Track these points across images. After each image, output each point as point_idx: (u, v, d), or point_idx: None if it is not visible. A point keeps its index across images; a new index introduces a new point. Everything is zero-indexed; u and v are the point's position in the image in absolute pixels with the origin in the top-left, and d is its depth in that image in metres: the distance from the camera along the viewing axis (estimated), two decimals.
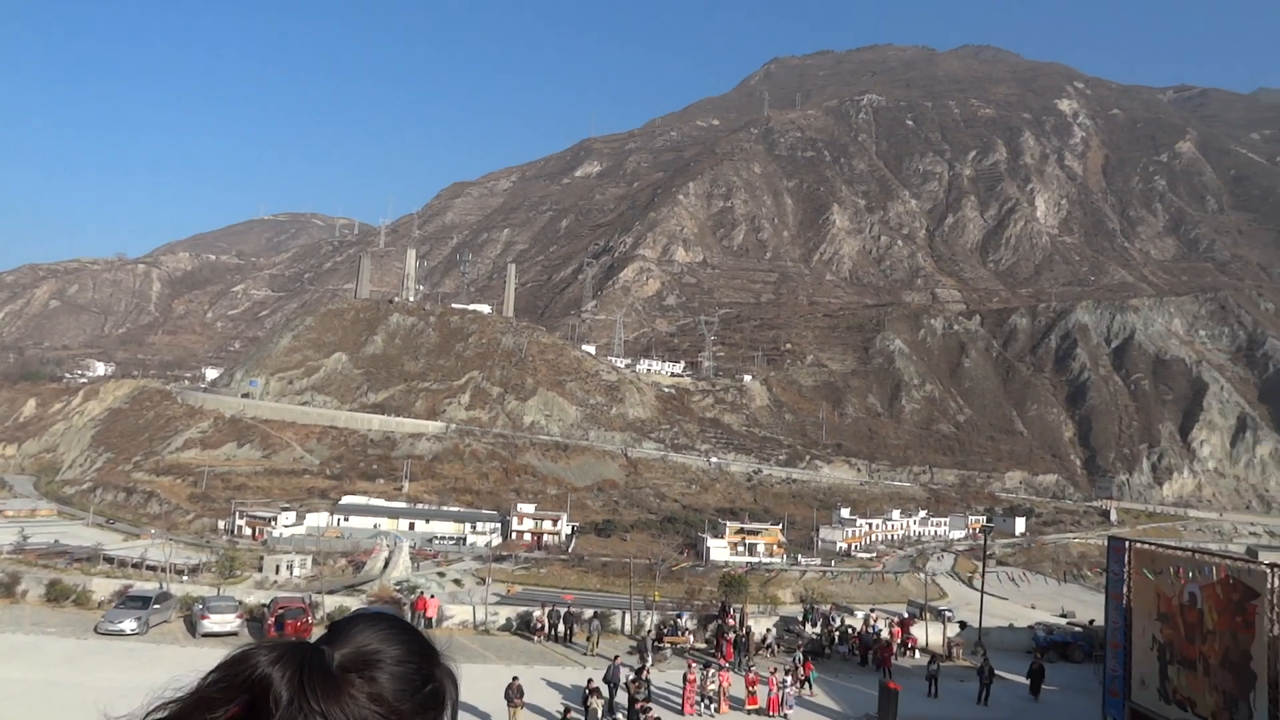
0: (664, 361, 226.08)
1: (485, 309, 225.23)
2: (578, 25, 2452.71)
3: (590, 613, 39.09)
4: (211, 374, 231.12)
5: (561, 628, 37.13)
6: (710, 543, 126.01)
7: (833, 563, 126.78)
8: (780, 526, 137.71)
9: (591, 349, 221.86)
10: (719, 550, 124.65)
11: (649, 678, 28.29)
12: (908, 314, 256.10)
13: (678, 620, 39.48)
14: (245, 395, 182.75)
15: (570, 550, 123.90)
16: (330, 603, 39.09)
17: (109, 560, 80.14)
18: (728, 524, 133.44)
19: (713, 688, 28.91)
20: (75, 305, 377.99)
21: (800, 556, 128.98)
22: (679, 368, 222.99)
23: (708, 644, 37.39)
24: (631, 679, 27.52)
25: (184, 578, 67.28)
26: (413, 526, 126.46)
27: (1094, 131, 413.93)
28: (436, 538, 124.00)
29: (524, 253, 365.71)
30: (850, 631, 40.54)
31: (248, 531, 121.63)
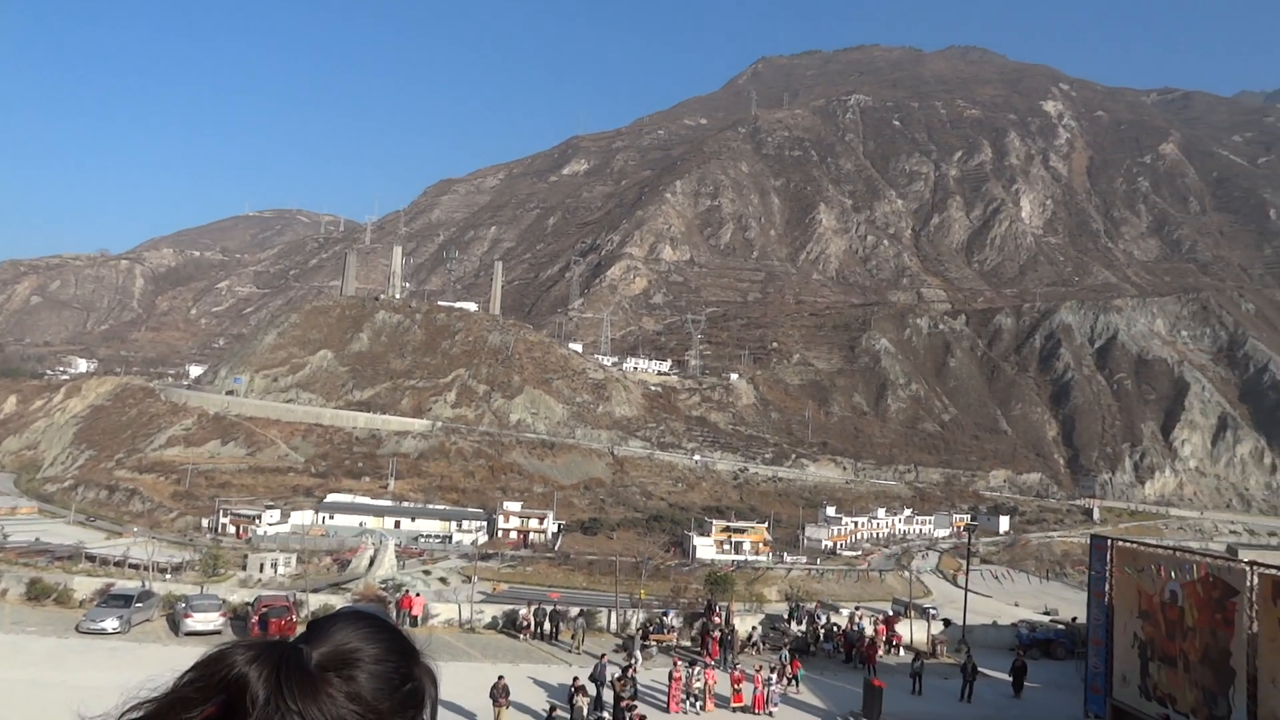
0: (650, 360, 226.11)
1: (472, 307, 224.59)
2: (566, 23, 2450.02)
3: (576, 611, 39.07)
4: (195, 371, 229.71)
5: (547, 626, 37.09)
6: (696, 541, 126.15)
7: (818, 561, 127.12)
8: (766, 525, 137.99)
9: (578, 347, 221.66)
10: (705, 548, 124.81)
11: (635, 675, 28.31)
12: (893, 313, 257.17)
13: (663, 618, 39.54)
14: (230, 392, 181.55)
15: (556, 548, 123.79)
16: (315, 601, 38.90)
17: (91, 558, 79.49)
18: (714, 522, 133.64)
19: (698, 685, 28.95)
20: (57, 301, 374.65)
21: (786, 555, 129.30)
22: (666, 366, 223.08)
23: (693, 642, 37.46)
24: (617, 677, 27.53)
25: (167, 576, 66.83)
26: (398, 525, 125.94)
27: (1079, 133, 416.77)
28: (422, 536, 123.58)
29: (511, 250, 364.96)
30: (835, 629, 40.68)
31: (231, 530, 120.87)
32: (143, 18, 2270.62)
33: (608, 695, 27.49)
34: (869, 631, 39.55)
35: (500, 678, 25.70)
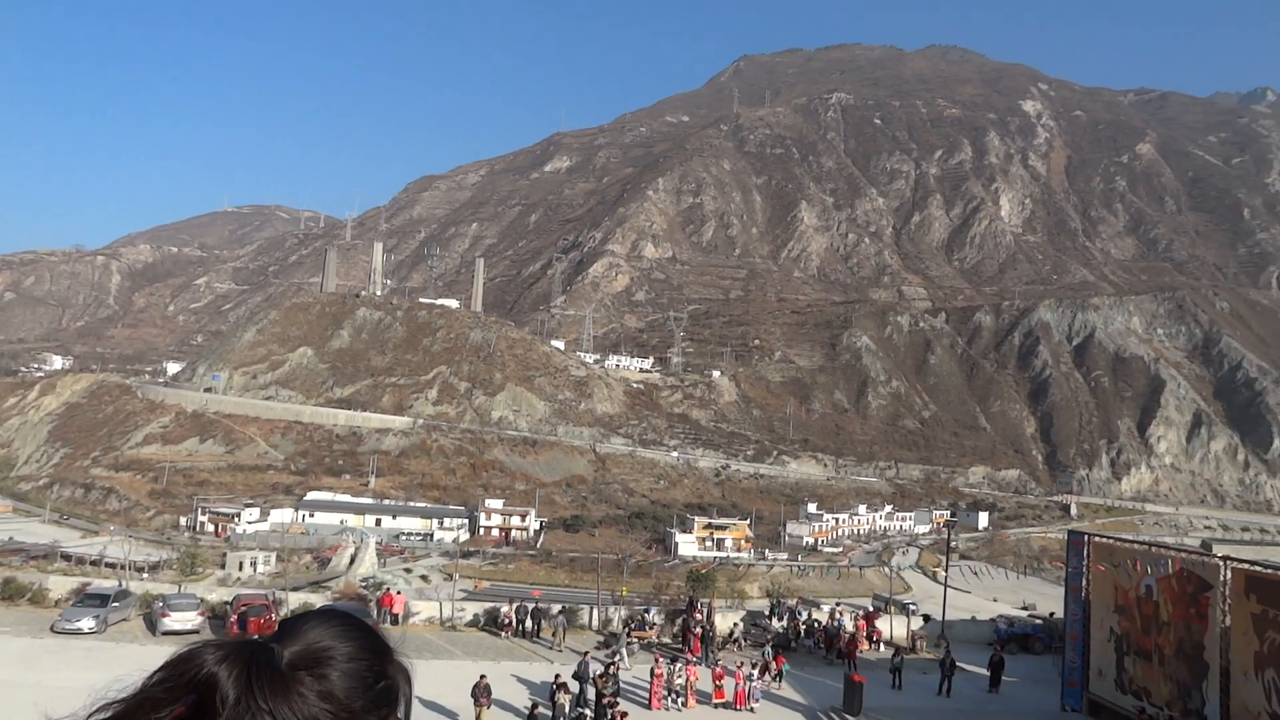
0: (633, 357, 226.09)
1: (453, 304, 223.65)
2: (547, 19, 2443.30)
3: (558, 608, 39.04)
4: (173, 368, 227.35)
5: (529, 623, 37.05)
6: (678, 538, 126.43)
7: (800, 557, 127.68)
8: (748, 521, 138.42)
9: (560, 344, 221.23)
10: (687, 545, 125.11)
11: (617, 673, 28.32)
12: (874, 311, 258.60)
13: (645, 615, 39.61)
14: (208, 390, 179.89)
15: (538, 546, 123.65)
16: (295, 600, 38.66)
17: (66, 557, 78.42)
18: (695, 519, 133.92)
19: (680, 682, 29.01)
20: (31, 297, 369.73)
21: (767, 551, 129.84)
22: (648, 363, 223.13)
23: (674, 639, 37.52)
24: (600, 674, 27.55)
25: (144, 575, 66.21)
26: (379, 522, 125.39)
27: (1057, 132, 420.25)
28: (403, 534, 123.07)
29: (493, 247, 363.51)
30: (816, 625, 40.86)
31: (210, 528, 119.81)
32: (118, 8, 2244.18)
33: (591, 693, 27.50)
34: (849, 627, 39.76)
35: (482, 677, 25.62)
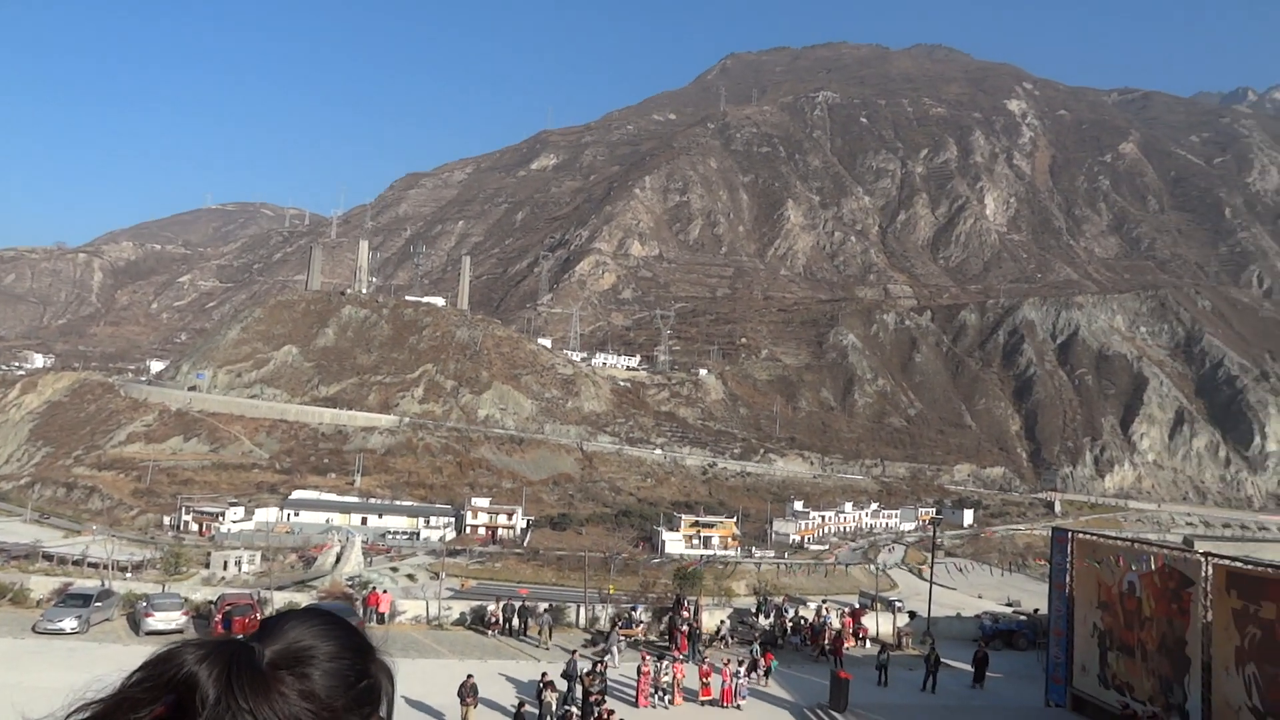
0: (620, 355, 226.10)
1: (439, 302, 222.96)
2: (535, 17, 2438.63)
3: (544, 606, 39.00)
4: (157, 366, 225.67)
5: (516, 622, 37.00)
6: (665, 536, 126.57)
7: (786, 555, 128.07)
8: (735, 519, 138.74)
9: (547, 342, 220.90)
10: (674, 543, 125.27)
11: (604, 671, 28.32)
12: (860, 309, 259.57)
13: (632, 613, 39.61)
14: (192, 388, 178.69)
15: (525, 544, 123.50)
16: (280, 599, 38.45)
17: (48, 557, 77.83)
18: (683, 517, 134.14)
19: (667, 680, 29.03)
20: (12, 295, 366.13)
21: (754, 549, 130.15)
22: (635, 361, 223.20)
23: (662, 636, 37.55)
24: (587, 672, 27.53)
25: (127, 575, 65.73)
26: (365, 521, 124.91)
27: (1041, 132, 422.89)
28: (389, 532, 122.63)
29: (479, 245, 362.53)
30: (803, 623, 40.98)
31: (194, 527, 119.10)
32: (105, 5, 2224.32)
33: (578, 691, 27.48)
34: (835, 624, 39.89)
35: (469, 676, 25.54)
